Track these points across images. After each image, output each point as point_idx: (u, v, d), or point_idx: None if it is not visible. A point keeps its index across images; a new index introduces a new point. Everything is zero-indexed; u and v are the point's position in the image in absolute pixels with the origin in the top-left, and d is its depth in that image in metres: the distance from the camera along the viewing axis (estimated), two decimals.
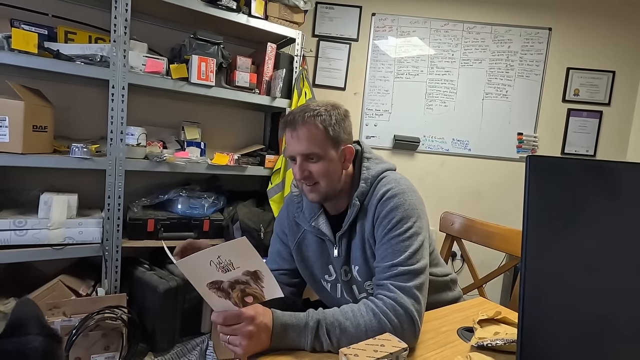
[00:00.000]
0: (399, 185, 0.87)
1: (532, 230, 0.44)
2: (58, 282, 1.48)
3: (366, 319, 0.73)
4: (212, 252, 0.63)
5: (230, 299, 0.69)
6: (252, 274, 0.66)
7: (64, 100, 1.69)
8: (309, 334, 0.71)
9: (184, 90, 1.65)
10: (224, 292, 0.68)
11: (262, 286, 0.68)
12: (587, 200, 0.44)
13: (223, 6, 1.70)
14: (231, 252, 0.64)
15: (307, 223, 0.96)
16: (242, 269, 0.65)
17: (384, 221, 0.83)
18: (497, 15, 2.49)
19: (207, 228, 1.76)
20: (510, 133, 2.54)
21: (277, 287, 0.69)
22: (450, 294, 1.08)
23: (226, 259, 0.64)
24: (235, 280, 0.66)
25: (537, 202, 0.43)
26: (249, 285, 0.68)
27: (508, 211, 2.39)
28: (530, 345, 0.46)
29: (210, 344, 1.75)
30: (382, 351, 0.62)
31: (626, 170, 0.44)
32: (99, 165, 1.50)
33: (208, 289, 0.67)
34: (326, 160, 0.87)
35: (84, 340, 1.35)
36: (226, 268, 0.65)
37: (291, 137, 0.88)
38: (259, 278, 0.67)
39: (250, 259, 0.65)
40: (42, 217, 1.42)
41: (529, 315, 0.44)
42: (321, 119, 0.86)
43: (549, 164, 0.44)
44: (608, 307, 0.44)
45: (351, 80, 2.50)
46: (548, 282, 0.45)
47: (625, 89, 2.51)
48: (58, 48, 1.43)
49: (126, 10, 1.49)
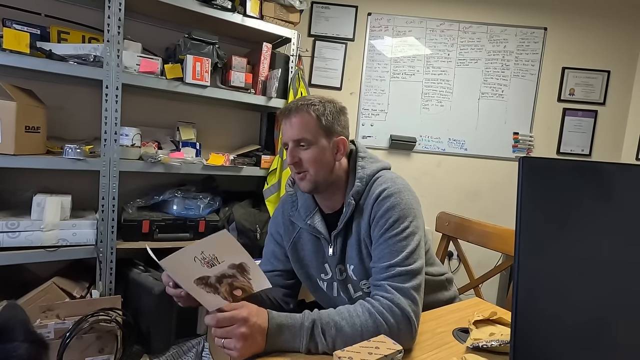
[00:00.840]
0: (395, 185, 0.86)
1: (525, 232, 0.43)
2: (51, 284, 1.46)
3: (362, 319, 0.73)
4: (195, 248, 0.63)
5: (219, 293, 0.68)
6: (237, 267, 0.66)
7: (57, 101, 1.67)
8: (304, 334, 0.71)
9: (179, 90, 1.64)
10: (212, 287, 0.67)
11: (249, 278, 0.68)
12: (580, 202, 0.44)
13: (218, 6, 1.69)
14: (214, 247, 0.64)
15: (302, 221, 0.96)
16: (227, 262, 0.65)
17: (381, 221, 0.83)
18: (492, 15, 2.49)
19: (203, 229, 1.75)
20: (506, 133, 2.54)
21: (265, 278, 0.69)
22: (446, 294, 1.07)
23: (210, 254, 0.64)
24: (222, 275, 0.66)
25: (530, 204, 0.43)
26: (236, 278, 0.67)
27: (504, 211, 2.40)
28: (524, 347, 0.45)
29: (206, 346, 1.74)
30: (376, 353, 0.61)
31: (619, 172, 0.44)
32: (93, 166, 1.49)
33: (196, 285, 0.66)
34: (317, 148, 0.88)
35: (78, 343, 1.34)
36: (211, 263, 0.64)
37: (285, 124, 0.90)
38: (245, 270, 0.67)
39: (234, 252, 0.65)
40: (35, 219, 1.41)
41: (522, 317, 0.44)
42: (314, 108, 0.88)
43: (542, 166, 0.44)
44: (601, 309, 0.44)
45: (347, 80, 2.50)
46: (541, 284, 0.45)
47: (620, 89, 2.52)
48: (51, 48, 1.41)
49: (120, 9, 1.47)
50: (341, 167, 0.93)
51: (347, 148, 0.93)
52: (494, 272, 1.27)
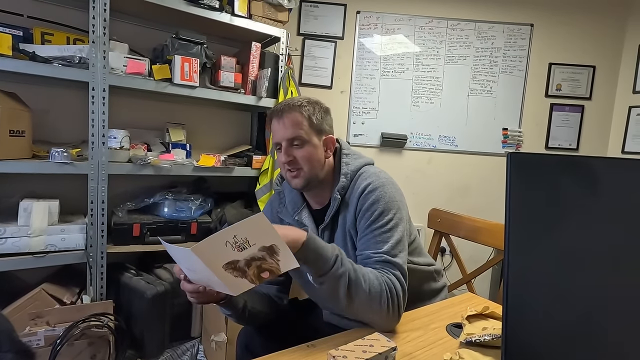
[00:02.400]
0: (379, 179, 0.91)
1: (515, 226, 0.44)
2: (40, 290, 1.44)
3: (371, 277, 0.79)
4: (228, 233, 0.62)
5: (247, 276, 0.67)
6: (267, 249, 0.65)
7: (42, 104, 1.64)
8: (331, 257, 0.75)
9: (167, 91, 1.62)
10: (240, 271, 0.66)
11: (277, 260, 0.67)
12: (568, 196, 0.45)
13: (205, 5, 1.67)
14: (248, 230, 0.62)
15: (290, 217, 1.00)
16: (258, 245, 0.64)
17: (367, 213, 0.87)
18: (480, 12, 2.51)
19: (195, 231, 1.73)
20: (496, 128, 2.57)
21: (293, 258, 0.68)
22: (433, 284, 1.09)
23: (242, 238, 0.62)
24: (252, 258, 0.65)
25: (519, 199, 0.43)
26: (265, 260, 0.66)
27: (495, 206, 2.43)
28: (515, 341, 0.46)
29: (201, 348, 1.73)
30: (371, 351, 0.62)
31: (607, 166, 0.45)
32: (81, 169, 1.46)
33: (224, 270, 0.65)
34: (310, 146, 0.92)
35: (69, 350, 1.32)
36: (242, 246, 0.63)
37: (277, 124, 0.93)
38: (275, 252, 0.66)
39: (267, 234, 0.64)
40: (22, 225, 1.38)
41: (513, 312, 0.45)
42: (305, 108, 0.93)
43: (530, 161, 0.45)
44: (591, 301, 0.45)
45: (337, 79, 2.50)
46: (531, 278, 0.45)
47: (605, 83, 2.57)
48: (34, 50, 1.38)
49: (105, 10, 1.45)
50: (329, 164, 0.97)
51: (334, 146, 0.98)
52: (486, 266, 1.29)
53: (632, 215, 0.44)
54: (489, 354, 0.72)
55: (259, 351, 0.72)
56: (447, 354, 0.71)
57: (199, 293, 0.74)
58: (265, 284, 1.00)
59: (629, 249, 0.44)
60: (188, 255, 0.63)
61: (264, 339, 0.98)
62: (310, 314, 1.08)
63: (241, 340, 1.03)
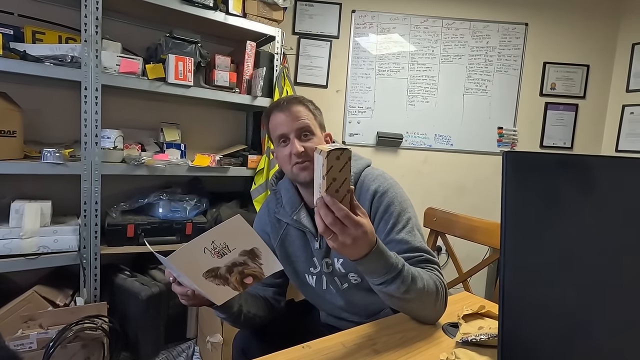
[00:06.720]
0: (386, 181, 0.91)
1: (510, 225, 0.44)
2: (33, 293, 1.42)
3: (426, 277, 0.77)
4: (205, 239, 0.59)
5: (229, 284, 0.65)
6: (249, 253, 0.63)
7: (33, 104, 1.62)
8: (393, 270, 0.69)
9: (161, 90, 1.61)
10: (222, 278, 0.63)
11: (260, 263, 0.65)
12: (564, 196, 0.44)
13: (199, 4, 1.65)
14: (225, 235, 0.60)
15: (288, 217, 0.97)
16: (239, 249, 0.62)
17: (385, 216, 0.86)
18: (475, 11, 2.52)
19: (190, 231, 1.72)
20: (491, 127, 2.58)
21: (276, 260, 0.66)
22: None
23: (221, 243, 0.60)
24: (233, 263, 0.63)
25: (515, 198, 0.43)
26: (247, 265, 0.64)
27: (491, 204, 2.44)
28: (511, 340, 0.46)
29: (197, 350, 1.72)
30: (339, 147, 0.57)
31: (602, 165, 0.45)
32: (73, 170, 1.44)
33: (205, 278, 0.62)
34: (317, 139, 0.92)
35: (63, 352, 1.30)
36: (221, 252, 0.61)
37: (284, 116, 0.90)
38: (257, 256, 0.64)
39: (246, 237, 0.61)
40: (14, 226, 1.36)
41: (509, 311, 0.44)
42: (307, 103, 0.95)
43: (525, 160, 0.44)
44: (587, 300, 0.45)
45: (333, 78, 2.49)
46: (527, 277, 0.45)
47: (599, 82, 2.59)
48: (25, 49, 1.36)
49: (97, 8, 1.43)
50: None
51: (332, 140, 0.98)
52: (482, 265, 1.29)
53: (628, 214, 0.44)
54: (485, 353, 0.72)
55: (256, 355, 0.71)
56: (444, 354, 0.70)
57: (189, 296, 0.72)
58: (262, 286, 0.99)
59: (625, 247, 0.44)
60: (168, 263, 0.61)
61: (260, 343, 0.96)
62: (307, 316, 1.08)
63: (237, 344, 1.00)
